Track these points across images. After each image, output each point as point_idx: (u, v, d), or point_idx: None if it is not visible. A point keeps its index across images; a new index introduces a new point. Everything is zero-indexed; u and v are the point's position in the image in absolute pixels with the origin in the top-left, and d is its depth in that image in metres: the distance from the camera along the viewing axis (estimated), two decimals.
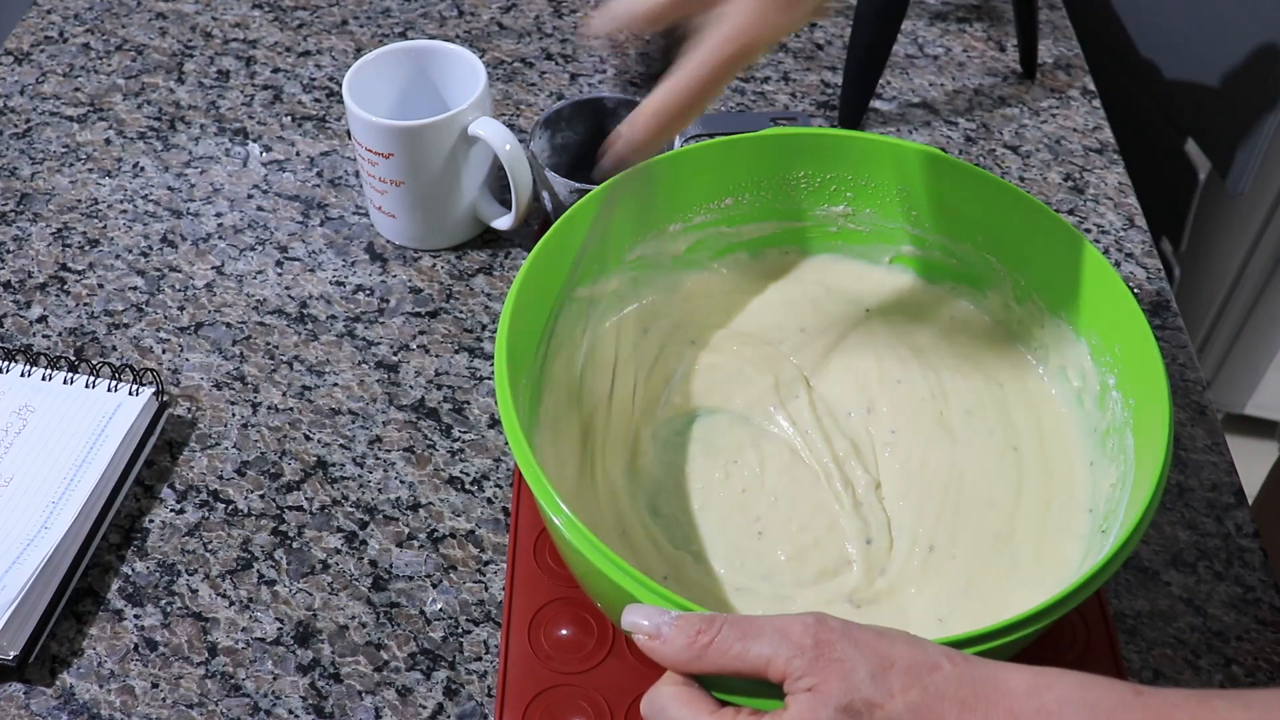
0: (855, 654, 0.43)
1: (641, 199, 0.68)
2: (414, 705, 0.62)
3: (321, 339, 0.78)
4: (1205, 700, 0.42)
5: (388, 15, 1.02)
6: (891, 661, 0.43)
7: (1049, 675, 0.43)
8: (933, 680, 0.42)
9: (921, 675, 0.43)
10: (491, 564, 0.67)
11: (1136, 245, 0.84)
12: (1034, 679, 0.43)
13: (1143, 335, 0.58)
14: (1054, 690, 0.42)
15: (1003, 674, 0.43)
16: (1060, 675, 0.43)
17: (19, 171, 0.89)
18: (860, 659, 0.43)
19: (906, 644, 0.44)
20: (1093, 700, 0.42)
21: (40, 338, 0.78)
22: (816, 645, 0.43)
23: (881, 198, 0.70)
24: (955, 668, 0.43)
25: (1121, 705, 0.42)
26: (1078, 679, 0.42)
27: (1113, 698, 0.42)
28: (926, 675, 0.43)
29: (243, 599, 0.66)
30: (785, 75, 0.96)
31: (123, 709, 0.61)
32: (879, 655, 0.43)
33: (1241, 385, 1.56)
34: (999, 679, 0.43)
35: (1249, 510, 0.69)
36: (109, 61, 0.98)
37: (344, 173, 0.89)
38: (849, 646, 0.43)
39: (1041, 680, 0.42)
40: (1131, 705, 0.42)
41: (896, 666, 0.43)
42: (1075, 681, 0.42)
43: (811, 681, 0.43)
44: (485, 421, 0.74)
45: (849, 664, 0.43)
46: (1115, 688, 0.42)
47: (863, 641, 0.43)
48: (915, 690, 0.42)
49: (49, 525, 0.65)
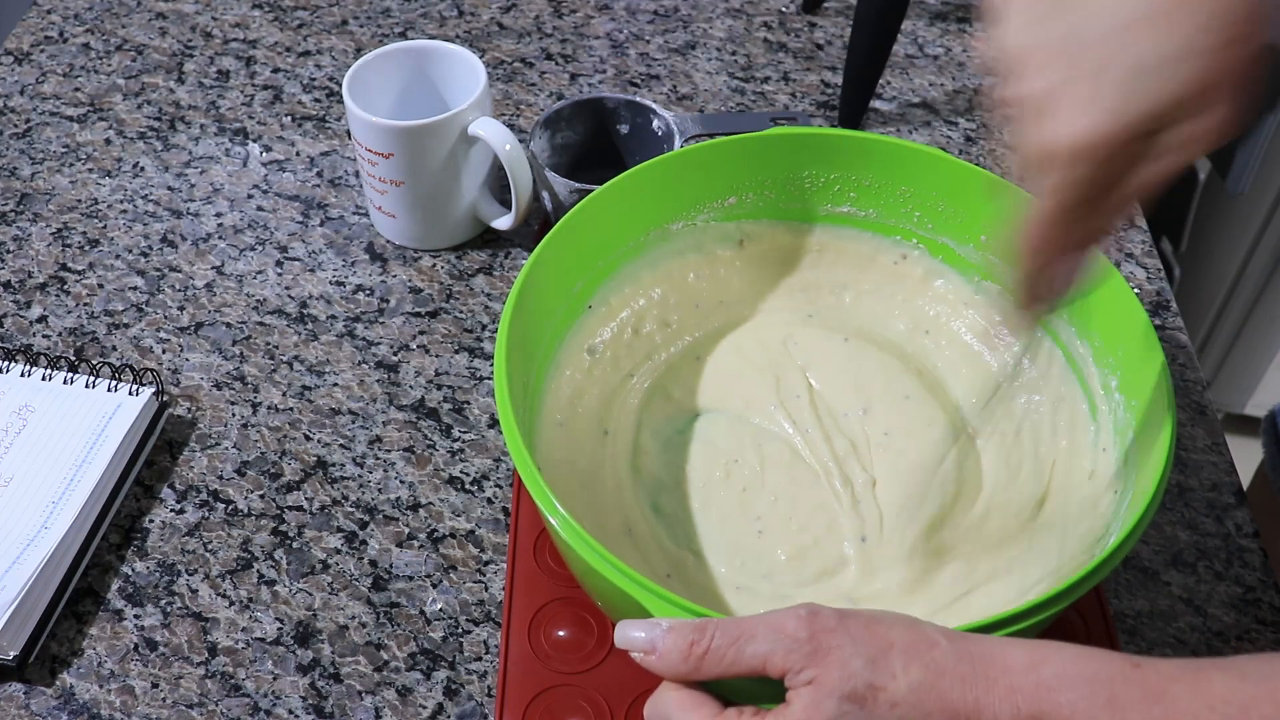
0: (851, 641, 0.43)
1: (644, 197, 0.68)
2: (414, 705, 0.62)
3: (321, 339, 0.78)
4: (1201, 670, 0.42)
5: (388, 15, 1.02)
6: (890, 643, 0.43)
7: (1046, 649, 0.43)
8: (932, 657, 0.42)
9: (921, 653, 0.43)
10: (491, 564, 0.67)
11: (1136, 245, 0.84)
12: (1031, 653, 0.43)
13: (1146, 336, 0.58)
14: (1051, 664, 0.42)
15: (1000, 649, 0.43)
16: (1057, 649, 0.43)
17: (19, 171, 0.89)
18: (857, 645, 0.43)
19: (903, 626, 0.44)
20: (1090, 673, 0.42)
21: (40, 338, 0.78)
22: (812, 637, 0.43)
23: (885, 198, 0.70)
24: (953, 644, 0.43)
25: (1120, 677, 0.42)
26: (1075, 651, 0.43)
27: (1110, 670, 0.42)
28: (926, 653, 0.43)
29: (243, 599, 0.66)
30: (785, 75, 0.96)
31: (123, 709, 0.61)
32: (876, 639, 0.43)
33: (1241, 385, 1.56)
34: (996, 654, 0.43)
35: (1249, 510, 0.69)
36: (109, 61, 0.98)
37: (344, 173, 0.89)
38: (844, 635, 0.43)
39: (1038, 654, 0.43)
40: (1130, 677, 0.42)
41: (895, 648, 0.43)
42: (1073, 654, 0.42)
43: (811, 674, 0.43)
44: (485, 421, 0.74)
45: (846, 651, 0.43)
46: (1112, 659, 0.42)
47: (858, 628, 0.43)
48: (916, 668, 0.42)
49: (49, 525, 0.65)
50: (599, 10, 1.03)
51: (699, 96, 0.94)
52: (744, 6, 1.03)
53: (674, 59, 0.98)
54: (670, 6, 1.03)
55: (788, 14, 1.02)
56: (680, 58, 0.98)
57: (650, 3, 1.03)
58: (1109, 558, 0.50)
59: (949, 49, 0.99)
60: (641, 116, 0.82)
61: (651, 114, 0.82)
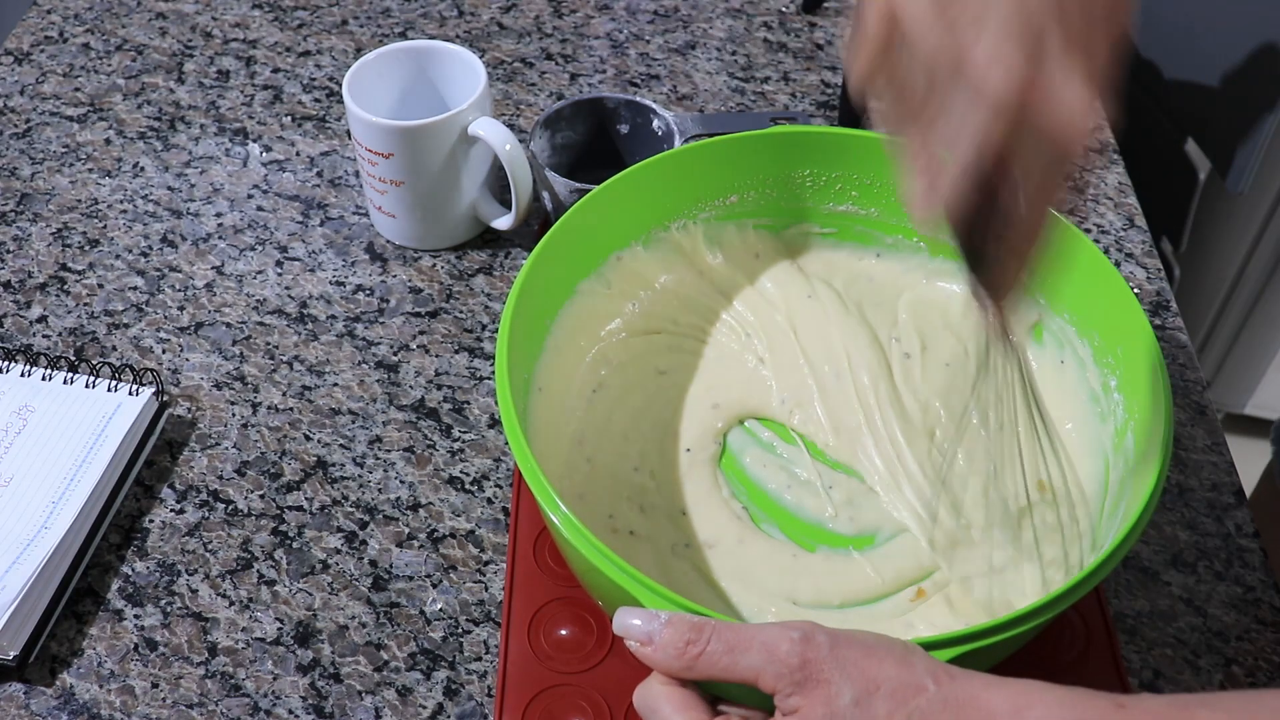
0: (840, 676, 0.43)
1: (644, 197, 0.68)
2: (414, 705, 0.62)
3: (321, 339, 0.78)
4: (1187, 708, 0.42)
5: (388, 15, 1.02)
6: (878, 684, 0.43)
7: (1031, 693, 0.43)
8: (917, 705, 0.42)
9: (906, 700, 0.42)
10: (491, 564, 0.67)
11: (1136, 245, 0.84)
12: (1016, 698, 0.42)
13: (1144, 336, 0.58)
14: (1035, 710, 0.42)
15: (985, 694, 0.43)
16: (1042, 692, 0.43)
17: (19, 171, 0.89)
18: (846, 681, 0.43)
19: (895, 663, 0.43)
20: (1074, 718, 0.42)
21: (40, 338, 0.78)
22: (803, 665, 0.43)
23: (887, 197, 0.70)
24: (940, 689, 0.43)
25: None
26: (1059, 696, 0.42)
27: (1094, 713, 0.42)
28: (911, 699, 0.42)
29: (243, 599, 0.66)
30: (785, 75, 0.96)
31: (123, 709, 0.61)
32: (865, 677, 0.43)
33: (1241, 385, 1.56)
34: (981, 700, 0.42)
35: (1249, 510, 0.69)
36: (109, 61, 0.98)
37: (344, 173, 0.89)
38: (834, 668, 0.43)
39: (1023, 699, 0.42)
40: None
41: (882, 690, 0.43)
42: (1056, 699, 0.42)
43: (797, 703, 0.43)
44: (485, 421, 0.74)
45: (834, 687, 0.43)
46: (1096, 703, 0.42)
47: (849, 661, 0.43)
48: (900, 716, 0.42)
49: (49, 525, 0.65)
50: (599, 10, 1.03)
51: (699, 96, 0.94)
52: (744, 6, 1.03)
53: (674, 59, 0.98)
54: (670, 6, 1.03)
55: (788, 14, 1.02)
56: (680, 58, 0.98)
57: (650, 3, 1.03)
58: (1108, 558, 0.50)
59: None
60: (641, 116, 0.82)
61: (651, 114, 0.82)
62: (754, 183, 0.70)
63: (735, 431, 0.67)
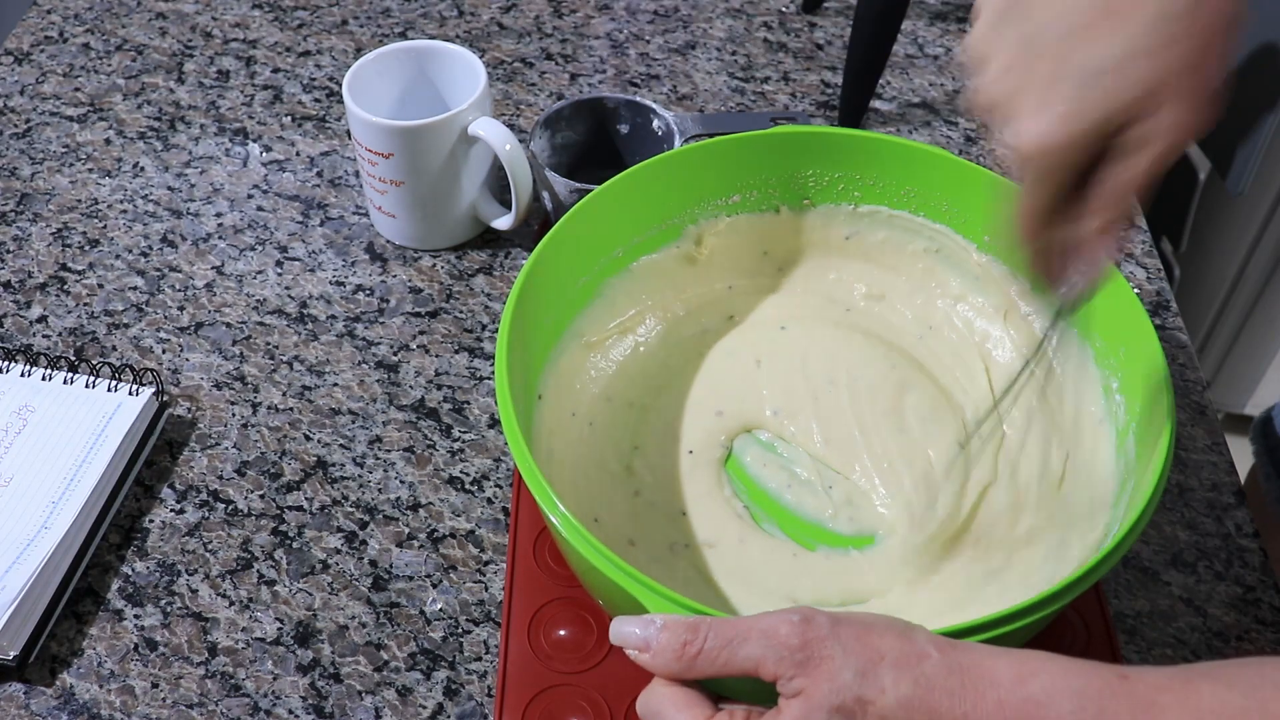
0: (842, 651, 0.43)
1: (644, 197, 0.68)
2: (414, 705, 0.62)
3: (321, 339, 0.78)
4: (1189, 680, 0.42)
5: (388, 15, 1.02)
6: (881, 655, 0.43)
7: (1034, 661, 0.43)
8: (922, 670, 0.42)
9: (911, 666, 0.42)
10: (491, 564, 0.67)
11: (1136, 245, 0.84)
12: (1020, 666, 0.42)
13: (1147, 337, 0.58)
14: (1039, 678, 0.42)
15: (989, 661, 0.43)
16: (1045, 661, 0.43)
17: (19, 171, 0.89)
18: (847, 656, 0.43)
19: (894, 635, 0.44)
20: (1078, 686, 0.42)
21: (40, 338, 0.78)
22: (804, 645, 0.43)
23: (889, 197, 0.70)
24: (943, 656, 0.43)
25: (1108, 690, 0.41)
26: (1063, 665, 0.42)
27: (1098, 683, 0.42)
28: (916, 666, 0.42)
29: (243, 599, 0.66)
30: (785, 75, 0.96)
31: (123, 709, 0.61)
32: (867, 650, 0.43)
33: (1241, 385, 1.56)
34: (985, 667, 0.42)
35: (1248, 510, 0.69)
36: (109, 61, 0.98)
37: (344, 173, 0.89)
38: (835, 645, 0.43)
39: (1027, 667, 0.42)
40: (1118, 691, 0.42)
41: (886, 660, 0.43)
42: (1060, 667, 0.42)
43: (801, 684, 0.43)
44: (485, 421, 0.74)
45: (836, 663, 0.43)
46: (1100, 672, 0.42)
47: (849, 638, 0.43)
48: (905, 683, 0.42)
49: (49, 525, 0.65)
50: (599, 10, 1.03)
51: (699, 96, 0.94)
52: (744, 6, 1.03)
53: (674, 59, 0.98)
54: (670, 6, 1.03)
55: (788, 14, 1.02)
56: (680, 58, 0.98)
57: (650, 3, 1.03)
58: (1107, 557, 0.50)
59: (949, 49, 0.99)
60: (641, 116, 0.82)
61: (651, 114, 0.82)
62: (755, 183, 0.70)
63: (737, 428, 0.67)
